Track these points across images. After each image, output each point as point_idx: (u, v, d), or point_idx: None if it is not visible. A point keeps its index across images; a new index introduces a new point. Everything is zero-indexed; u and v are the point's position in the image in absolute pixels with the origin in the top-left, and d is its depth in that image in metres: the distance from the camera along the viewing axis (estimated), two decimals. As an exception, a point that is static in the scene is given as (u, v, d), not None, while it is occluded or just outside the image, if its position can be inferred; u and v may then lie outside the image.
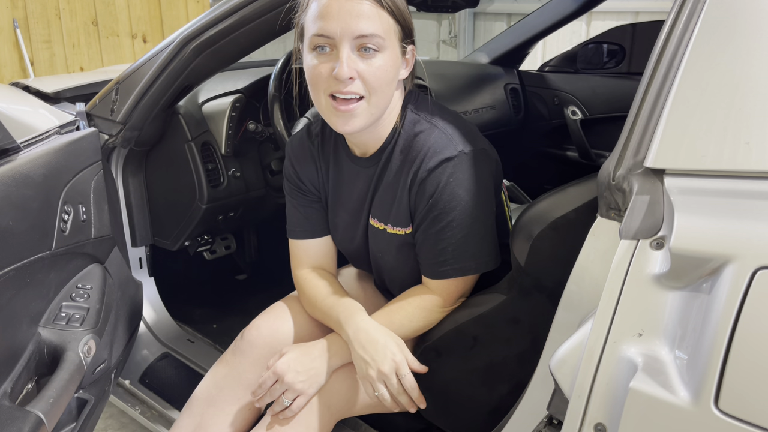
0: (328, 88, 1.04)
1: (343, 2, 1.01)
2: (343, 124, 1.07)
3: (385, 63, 1.04)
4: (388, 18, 1.03)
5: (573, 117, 2.33)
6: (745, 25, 0.76)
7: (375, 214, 1.21)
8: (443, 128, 1.12)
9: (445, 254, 1.12)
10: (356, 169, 1.21)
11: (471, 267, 1.13)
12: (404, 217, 1.17)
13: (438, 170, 1.09)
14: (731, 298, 0.68)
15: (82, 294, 1.25)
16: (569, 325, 0.92)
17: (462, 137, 1.11)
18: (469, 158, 1.09)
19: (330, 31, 1.01)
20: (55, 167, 1.24)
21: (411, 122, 1.14)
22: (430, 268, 1.15)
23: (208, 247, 2.02)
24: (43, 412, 0.99)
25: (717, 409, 0.68)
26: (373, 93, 1.05)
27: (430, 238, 1.13)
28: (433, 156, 1.09)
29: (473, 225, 1.11)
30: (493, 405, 1.17)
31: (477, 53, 2.59)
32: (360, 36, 1.01)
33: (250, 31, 1.37)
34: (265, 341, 1.26)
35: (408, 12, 1.08)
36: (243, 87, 1.81)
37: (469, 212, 1.10)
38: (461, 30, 5.30)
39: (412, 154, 1.12)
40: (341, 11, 1.00)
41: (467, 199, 1.09)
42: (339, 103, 1.05)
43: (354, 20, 1.00)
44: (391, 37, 1.05)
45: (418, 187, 1.11)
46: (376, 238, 1.22)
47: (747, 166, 0.74)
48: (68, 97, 1.99)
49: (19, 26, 3.92)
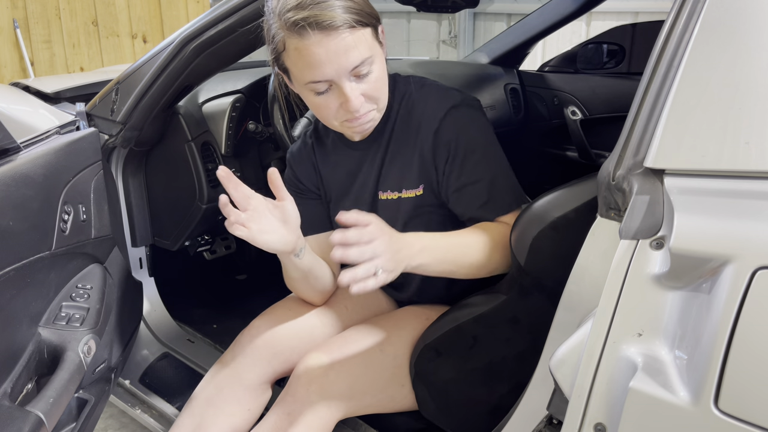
0: (341, 117, 1.08)
1: (327, 43, 0.99)
2: (359, 134, 1.14)
3: (379, 71, 1.07)
4: (364, 31, 1.03)
5: (573, 117, 2.33)
6: (745, 25, 0.76)
7: (386, 186, 1.22)
8: (436, 88, 1.19)
9: (484, 195, 1.14)
10: (355, 153, 1.24)
11: (511, 202, 1.16)
12: (415, 177, 1.19)
13: (448, 117, 1.14)
14: (731, 298, 0.68)
15: (82, 294, 1.25)
16: (569, 325, 0.92)
17: (455, 91, 1.18)
18: (471, 105, 1.17)
19: (325, 76, 1.02)
20: (55, 167, 1.24)
21: (402, 90, 1.20)
22: (476, 213, 1.16)
23: (208, 247, 2.02)
24: (43, 412, 0.99)
25: (717, 409, 0.68)
26: (378, 101, 1.10)
27: (465, 184, 1.15)
28: (438, 106, 1.15)
29: (500, 162, 1.17)
30: (493, 405, 1.17)
31: (477, 53, 2.59)
32: (354, 68, 1.02)
33: (250, 31, 1.36)
34: (265, 342, 1.26)
35: (368, 3, 1.07)
36: (243, 87, 1.81)
37: (490, 150, 1.16)
38: (461, 30, 5.30)
39: (416, 113, 1.17)
40: (329, 53, 1.00)
41: (483, 139, 1.15)
42: (353, 122, 1.08)
43: (343, 57, 1.00)
44: (374, 45, 1.06)
45: (434, 139, 1.15)
46: (388, 210, 1.23)
47: (747, 166, 0.74)
48: (68, 97, 1.99)
49: (19, 26, 3.92)
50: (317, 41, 0.99)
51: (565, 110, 2.36)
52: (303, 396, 1.14)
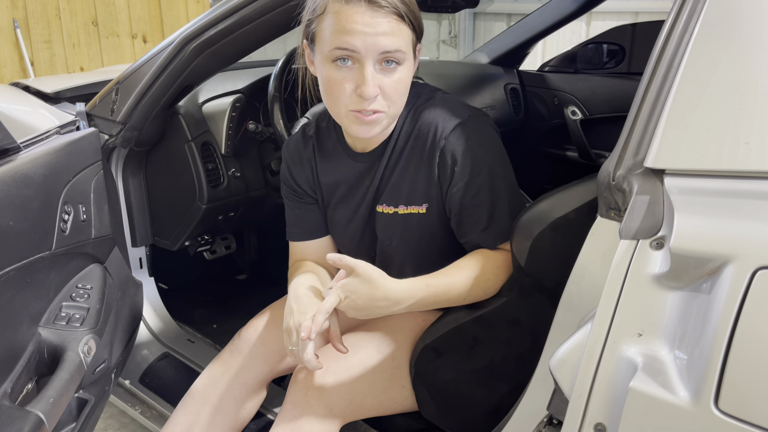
0: (350, 104, 1.04)
1: (368, 17, 0.98)
2: (364, 132, 1.07)
3: (404, 75, 1.05)
4: (408, 30, 1.03)
5: (573, 117, 2.33)
6: (746, 25, 0.76)
7: (384, 201, 1.20)
8: (444, 102, 1.15)
9: (484, 220, 1.12)
10: (358, 165, 1.21)
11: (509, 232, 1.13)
12: (419, 195, 1.16)
13: (454, 134, 1.10)
14: (731, 298, 0.68)
15: (83, 294, 1.25)
16: (569, 325, 0.92)
17: (464, 107, 1.15)
18: (478, 121, 1.13)
19: (354, 46, 0.99)
20: (55, 167, 1.24)
21: (412, 104, 1.16)
22: (475, 237, 1.15)
23: (208, 247, 2.03)
24: (43, 412, 0.99)
25: (717, 409, 0.68)
26: (392, 105, 1.06)
27: (466, 206, 1.13)
28: (446, 123, 1.11)
29: (506, 185, 1.14)
30: (493, 405, 1.17)
31: (477, 53, 2.59)
32: (384, 52, 1.00)
33: (250, 31, 1.37)
34: (263, 341, 1.26)
35: (420, 15, 1.08)
36: (243, 87, 1.81)
37: (497, 172, 1.13)
38: (461, 30, 5.30)
39: (422, 130, 1.14)
40: (366, 26, 0.98)
41: (490, 158, 1.12)
42: (362, 116, 1.05)
43: (379, 37, 0.99)
44: (409, 48, 1.05)
45: (440, 157, 1.12)
46: (385, 224, 1.21)
47: (747, 166, 0.74)
48: (68, 97, 1.99)
49: (19, 26, 3.92)
50: (361, 11, 0.99)
51: (565, 110, 2.36)
52: (302, 401, 1.12)
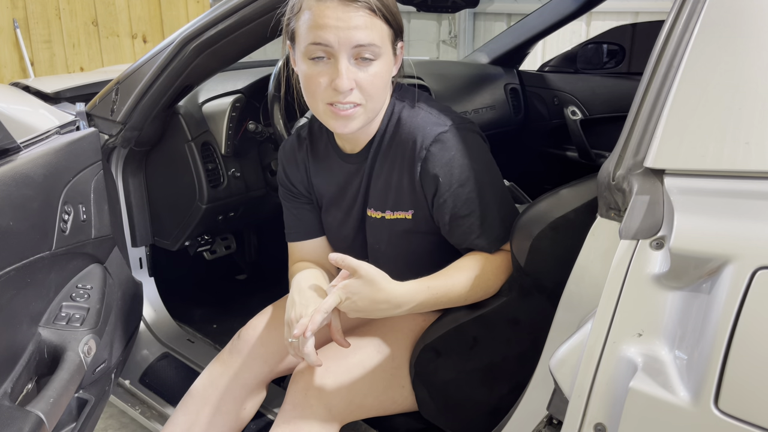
0: (326, 98, 1.06)
1: (340, 12, 1.01)
2: (342, 126, 1.09)
3: (381, 69, 1.06)
4: (382, 24, 1.04)
5: (573, 117, 2.33)
6: (745, 25, 0.76)
7: (372, 205, 1.21)
8: (427, 109, 1.15)
9: (476, 228, 1.12)
10: (347, 167, 1.22)
11: (503, 236, 1.14)
12: (405, 201, 1.17)
13: (435, 146, 1.10)
14: (731, 298, 0.68)
15: (83, 294, 1.25)
16: (569, 325, 0.92)
17: (447, 114, 1.15)
18: (460, 129, 1.12)
19: (327, 41, 1.01)
20: (55, 167, 1.24)
21: (397, 110, 1.17)
22: (470, 245, 1.15)
23: (208, 247, 2.03)
24: (43, 412, 0.99)
25: (717, 409, 0.68)
26: (369, 100, 1.07)
27: (456, 216, 1.12)
28: (426, 134, 1.11)
29: (494, 190, 1.14)
30: (493, 405, 1.17)
31: (477, 53, 2.59)
32: (357, 46, 1.02)
33: (250, 31, 1.37)
34: (262, 341, 1.26)
35: (398, 12, 1.09)
36: (243, 87, 1.81)
37: (484, 179, 1.12)
38: (461, 30, 5.30)
39: (403, 136, 1.14)
40: (338, 21, 1.01)
41: (475, 165, 1.11)
42: (338, 109, 1.06)
43: (351, 30, 1.01)
44: (386, 43, 1.06)
45: (422, 168, 1.12)
46: (374, 228, 1.22)
47: (747, 166, 0.74)
48: (68, 97, 1.99)
49: (19, 26, 3.92)
50: (333, 6, 1.01)
51: (565, 110, 2.36)
52: (302, 401, 1.12)
